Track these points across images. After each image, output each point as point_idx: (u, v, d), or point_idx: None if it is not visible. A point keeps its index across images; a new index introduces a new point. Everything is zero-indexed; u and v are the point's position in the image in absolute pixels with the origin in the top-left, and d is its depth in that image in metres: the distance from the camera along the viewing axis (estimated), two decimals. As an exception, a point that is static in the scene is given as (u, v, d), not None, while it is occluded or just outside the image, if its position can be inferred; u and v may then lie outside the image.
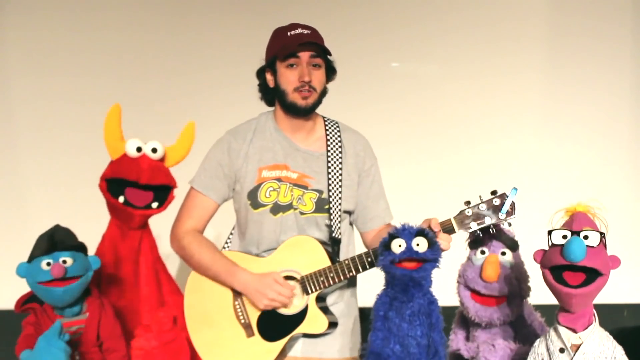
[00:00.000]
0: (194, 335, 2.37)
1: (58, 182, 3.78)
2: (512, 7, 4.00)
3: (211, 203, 2.41)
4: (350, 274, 2.27)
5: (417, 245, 2.06)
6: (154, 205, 2.46)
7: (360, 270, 2.27)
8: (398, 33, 3.96)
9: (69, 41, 3.87)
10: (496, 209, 2.18)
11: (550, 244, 1.93)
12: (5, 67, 3.86)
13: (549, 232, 1.92)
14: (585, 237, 1.86)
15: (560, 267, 1.88)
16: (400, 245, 2.06)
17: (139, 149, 2.44)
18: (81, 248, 2.27)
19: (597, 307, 2.01)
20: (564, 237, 1.89)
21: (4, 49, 3.86)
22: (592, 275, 1.86)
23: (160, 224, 2.60)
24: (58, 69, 3.85)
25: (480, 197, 2.20)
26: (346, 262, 2.28)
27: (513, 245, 2.29)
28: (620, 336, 1.98)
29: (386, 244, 2.09)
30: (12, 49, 3.86)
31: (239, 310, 2.34)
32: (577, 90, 3.95)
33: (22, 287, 2.32)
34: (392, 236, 2.09)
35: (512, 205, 2.17)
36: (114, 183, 2.45)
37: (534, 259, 1.99)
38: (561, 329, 1.92)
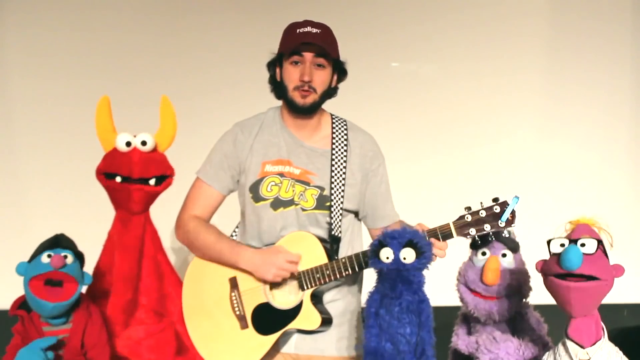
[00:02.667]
0: (189, 323, 2.40)
1: (58, 182, 3.78)
2: (512, 6, 4.00)
3: (215, 193, 2.44)
4: (347, 272, 2.27)
5: (404, 258, 2.07)
6: (152, 182, 2.46)
7: (357, 269, 2.27)
8: (398, 33, 3.96)
9: (68, 41, 3.86)
10: (496, 217, 2.16)
11: (549, 253, 1.93)
12: (4, 67, 3.85)
13: (548, 242, 1.92)
14: (583, 245, 1.86)
15: (559, 276, 1.87)
16: (387, 258, 2.08)
17: (128, 144, 2.44)
18: (81, 257, 2.29)
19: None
20: (562, 245, 1.88)
21: (4, 49, 3.86)
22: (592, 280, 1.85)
23: (162, 220, 2.60)
24: (58, 70, 3.85)
25: (481, 203, 2.19)
26: (343, 260, 2.28)
27: (514, 247, 2.28)
28: (620, 336, 1.98)
29: (375, 251, 2.11)
30: (12, 49, 3.86)
31: (235, 302, 2.35)
32: (577, 90, 3.95)
33: (22, 288, 2.32)
34: (381, 244, 2.10)
35: (513, 213, 2.15)
36: (111, 174, 2.46)
37: (536, 268, 1.99)
38: (569, 343, 1.91)
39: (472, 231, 2.18)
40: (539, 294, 2.22)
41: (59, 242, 2.24)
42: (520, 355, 2.13)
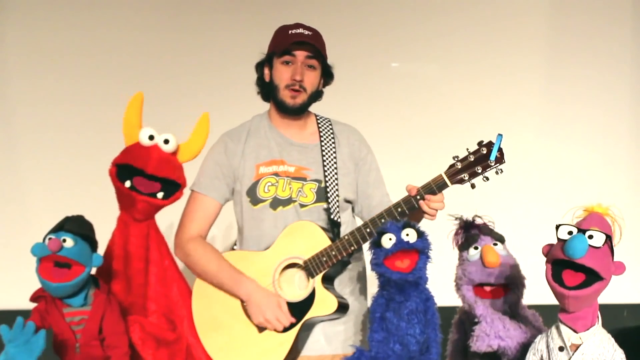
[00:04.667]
0: (205, 340, 2.36)
1: (58, 182, 3.77)
2: (512, 7, 4.00)
3: (213, 203, 2.43)
4: (352, 247, 2.28)
5: (407, 235, 2.08)
6: (159, 195, 2.44)
7: (361, 242, 2.28)
8: (398, 33, 3.96)
9: (69, 41, 3.86)
10: (485, 157, 2.20)
11: (557, 238, 1.91)
12: (5, 67, 3.86)
13: (557, 226, 1.91)
14: (590, 237, 1.85)
15: (560, 263, 1.87)
16: (390, 239, 2.08)
17: (151, 137, 2.42)
18: (88, 239, 2.27)
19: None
20: (569, 233, 1.88)
21: (4, 49, 3.86)
22: (591, 278, 1.85)
23: (169, 225, 2.59)
24: (58, 69, 3.85)
25: (467, 149, 2.23)
26: (346, 237, 2.29)
27: (500, 238, 2.31)
28: (620, 336, 1.98)
29: (376, 242, 2.11)
30: (12, 49, 3.86)
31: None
32: (577, 90, 3.95)
33: (22, 287, 2.32)
34: (381, 233, 2.11)
35: (500, 151, 2.19)
36: (124, 170, 2.43)
37: (542, 252, 1.98)
38: (563, 327, 1.91)
39: (465, 176, 2.21)
40: (537, 294, 2.23)
41: (62, 225, 2.23)
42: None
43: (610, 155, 3.94)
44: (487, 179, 2.21)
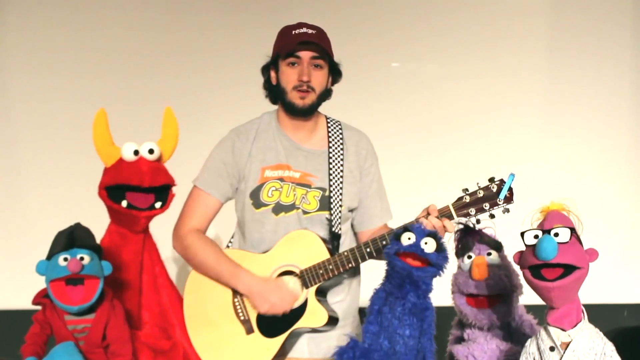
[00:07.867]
0: (193, 335, 2.37)
1: (58, 182, 3.78)
2: (512, 7, 4.00)
3: (214, 201, 2.42)
4: (350, 265, 2.27)
5: (426, 244, 2.05)
6: (157, 205, 2.44)
7: (360, 260, 2.27)
8: (398, 33, 3.96)
9: (68, 41, 3.86)
10: (494, 195, 2.17)
11: (524, 245, 1.95)
12: (5, 67, 3.86)
13: (522, 234, 1.95)
14: (556, 235, 1.88)
15: (537, 267, 1.90)
16: (409, 239, 2.06)
17: (136, 152, 2.41)
18: (98, 250, 2.28)
19: (597, 307, 2.02)
20: (536, 236, 1.91)
21: (4, 49, 3.86)
22: (569, 270, 1.88)
23: (162, 228, 2.59)
24: (57, 69, 3.85)
25: (477, 184, 2.20)
26: (345, 253, 2.27)
27: (497, 246, 2.32)
28: (620, 336, 1.99)
29: (397, 235, 2.09)
30: (12, 49, 3.86)
31: (238, 307, 2.34)
32: (577, 90, 3.95)
33: (23, 287, 2.32)
34: (406, 229, 2.09)
35: (510, 190, 2.17)
36: (114, 189, 2.42)
37: (514, 260, 2.01)
38: (551, 328, 1.94)
39: (472, 211, 2.19)
40: (534, 295, 2.23)
41: (74, 240, 2.22)
42: None
43: (610, 155, 3.94)
44: (493, 216, 2.19)
